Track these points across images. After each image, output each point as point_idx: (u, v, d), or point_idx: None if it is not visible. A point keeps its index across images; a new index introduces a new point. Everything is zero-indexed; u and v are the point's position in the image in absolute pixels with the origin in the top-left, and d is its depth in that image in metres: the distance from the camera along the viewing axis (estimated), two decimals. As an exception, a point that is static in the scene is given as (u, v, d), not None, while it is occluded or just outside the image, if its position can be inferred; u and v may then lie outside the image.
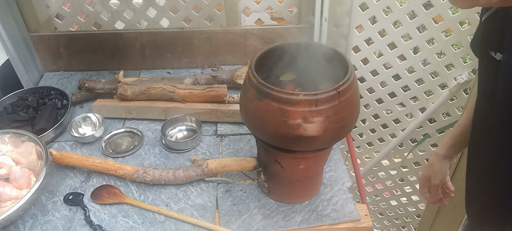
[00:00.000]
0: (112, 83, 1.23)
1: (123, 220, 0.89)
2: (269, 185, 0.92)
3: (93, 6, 1.40)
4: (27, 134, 1.00)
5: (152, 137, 1.13)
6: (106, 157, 1.06)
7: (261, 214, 0.90)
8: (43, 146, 0.96)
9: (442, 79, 1.41)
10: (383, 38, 1.39)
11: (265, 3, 1.41)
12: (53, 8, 1.41)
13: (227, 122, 1.16)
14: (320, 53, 0.80)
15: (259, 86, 0.72)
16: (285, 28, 1.36)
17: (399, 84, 1.48)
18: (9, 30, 1.26)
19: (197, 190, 0.97)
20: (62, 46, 1.39)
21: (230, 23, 1.43)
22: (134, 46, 1.38)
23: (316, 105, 0.69)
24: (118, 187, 0.97)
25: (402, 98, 1.52)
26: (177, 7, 1.40)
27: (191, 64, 1.42)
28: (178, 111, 1.15)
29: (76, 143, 1.12)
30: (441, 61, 1.37)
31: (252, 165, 0.92)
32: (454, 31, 1.30)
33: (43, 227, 0.89)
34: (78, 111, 1.24)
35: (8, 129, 1.03)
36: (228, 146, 1.10)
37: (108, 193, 0.95)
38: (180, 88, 1.15)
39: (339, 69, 0.77)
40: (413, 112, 1.55)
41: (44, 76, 1.43)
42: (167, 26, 1.45)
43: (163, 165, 1.04)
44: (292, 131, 0.70)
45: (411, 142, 1.67)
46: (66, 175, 1.02)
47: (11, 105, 1.19)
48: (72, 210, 0.93)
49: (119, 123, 1.19)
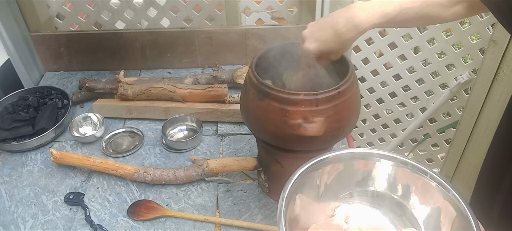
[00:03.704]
0: (112, 83, 1.23)
1: (123, 220, 0.90)
2: (269, 185, 0.92)
3: (93, 6, 1.40)
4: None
5: (153, 137, 1.13)
6: (106, 157, 1.07)
7: (262, 214, 0.90)
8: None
9: (443, 79, 1.42)
10: (383, 38, 1.39)
11: (265, 3, 1.42)
12: (54, 8, 1.41)
13: (227, 121, 1.16)
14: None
15: (260, 86, 0.72)
16: (286, 28, 1.36)
17: (399, 84, 1.48)
18: (9, 30, 1.26)
19: (198, 189, 0.97)
20: (63, 46, 1.39)
21: (230, 23, 1.43)
22: (134, 46, 1.38)
23: (317, 105, 0.69)
24: (154, 200, 0.94)
25: (403, 98, 1.52)
26: (177, 7, 1.41)
27: (191, 64, 1.43)
28: (179, 111, 1.15)
29: (77, 142, 1.12)
30: (441, 61, 1.37)
31: (253, 164, 0.92)
32: (455, 31, 1.30)
33: (43, 227, 0.89)
34: (78, 111, 1.24)
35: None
36: (229, 146, 1.10)
37: (146, 208, 0.91)
38: (181, 88, 1.15)
39: (340, 69, 0.77)
40: (414, 112, 1.55)
41: (44, 76, 1.43)
42: (168, 26, 1.45)
43: (163, 164, 1.04)
44: (293, 130, 0.70)
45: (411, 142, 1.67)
46: (67, 175, 1.02)
47: (12, 105, 1.19)
48: (72, 210, 0.93)
49: (119, 122, 1.19)
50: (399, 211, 0.65)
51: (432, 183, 0.60)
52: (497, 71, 1.22)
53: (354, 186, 0.67)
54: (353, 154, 0.65)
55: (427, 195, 0.61)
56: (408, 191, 0.64)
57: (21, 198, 0.96)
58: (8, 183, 1.00)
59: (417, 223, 0.62)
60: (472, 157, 1.41)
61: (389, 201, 0.66)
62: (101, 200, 0.95)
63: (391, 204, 0.66)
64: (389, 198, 0.66)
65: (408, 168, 0.63)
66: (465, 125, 1.40)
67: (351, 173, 0.66)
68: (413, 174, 0.62)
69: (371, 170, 0.66)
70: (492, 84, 1.25)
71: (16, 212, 0.93)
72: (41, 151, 1.10)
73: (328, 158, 0.63)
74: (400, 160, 0.64)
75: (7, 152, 1.09)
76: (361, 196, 0.68)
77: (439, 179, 0.59)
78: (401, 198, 0.64)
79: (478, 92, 1.30)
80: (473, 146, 1.40)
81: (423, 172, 0.61)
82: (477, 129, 1.36)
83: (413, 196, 0.63)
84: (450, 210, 0.57)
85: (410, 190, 0.63)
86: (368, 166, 0.66)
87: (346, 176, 0.66)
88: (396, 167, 0.64)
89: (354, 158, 0.65)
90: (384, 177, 0.66)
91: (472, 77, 1.33)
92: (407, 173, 0.63)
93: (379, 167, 0.65)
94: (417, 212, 0.63)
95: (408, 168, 0.63)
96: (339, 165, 0.65)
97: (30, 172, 1.03)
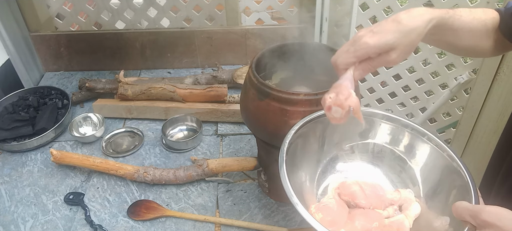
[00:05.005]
0: (112, 83, 1.23)
1: (123, 220, 0.90)
2: (269, 185, 0.92)
3: (93, 6, 1.40)
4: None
5: (153, 137, 1.13)
6: (106, 157, 1.07)
7: (262, 214, 0.90)
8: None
9: (443, 79, 1.42)
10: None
11: (265, 3, 1.41)
12: (54, 8, 1.41)
13: (227, 121, 1.16)
14: (320, 53, 0.80)
15: (260, 86, 0.72)
16: (286, 28, 1.36)
17: (399, 84, 1.48)
18: (9, 30, 1.26)
19: (198, 189, 0.97)
20: (63, 46, 1.39)
21: (230, 23, 1.43)
22: (134, 46, 1.38)
23: (317, 105, 0.69)
24: (154, 200, 0.94)
25: (403, 98, 1.52)
26: (177, 7, 1.41)
27: (191, 64, 1.43)
28: (179, 111, 1.15)
29: (77, 142, 1.12)
30: (441, 61, 1.37)
31: (253, 164, 0.92)
32: (455, 31, 1.30)
33: (43, 227, 0.89)
34: (78, 111, 1.24)
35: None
36: (229, 146, 1.10)
37: (146, 208, 0.91)
38: (181, 88, 1.15)
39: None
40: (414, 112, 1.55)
41: (44, 76, 1.43)
42: (168, 26, 1.45)
43: (163, 164, 1.04)
44: (293, 130, 0.70)
45: (411, 142, 1.66)
46: (67, 175, 1.02)
47: (12, 105, 1.19)
48: (72, 210, 0.93)
49: (119, 122, 1.19)
50: (398, 168, 0.68)
51: (432, 144, 0.64)
52: (497, 71, 1.22)
53: (357, 138, 0.70)
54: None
55: (426, 155, 0.65)
56: (409, 148, 0.67)
57: (21, 198, 0.96)
58: (8, 183, 1.00)
59: (416, 180, 0.65)
60: (472, 157, 1.41)
61: (390, 157, 0.69)
62: (101, 200, 0.95)
63: (391, 161, 0.69)
64: (390, 152, 0.69)
65: (408, 130, 0.67)
66: (465, 125, 1.40)
67: (354, 126, 0.68)
68: (413, 136, 0.66)
69: (374, 125, 0.69)
70: (492, 84, 1.25)
71: (16, 212, 0.93)
72: (41, 151, 1.10)
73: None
74: (402, 122, 0.67)
75: (7, 152, 1.09)
76: (362, 153, 0.70)
77: (437, 140, 0.63)
78: (402, 153, 0.68)
79: (478, 92, 1.30)
80: (473, 146, 1.40)
81: (422, 134, 0.65)
82: (477, 129, 1.36)
83: (413, 154, 0.67)
84: (448, 173, 0.60)
85: (411, 148, 0.67)
86: (371, 122, 0.69)
87: (349, 127, 0.68)
88: (398, 128, 0.68)
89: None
90: (386, 133, 0.69)
91: (472, 77, 1.33)
92: (407, 134, 0.67)
93: (382, 125, 0.69)
94: (416, 169, 0.66)
95: (408, 130, 0.67)
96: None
97: (30, 172, 1.03)
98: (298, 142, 0.63)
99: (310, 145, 0.67)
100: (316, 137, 0.68)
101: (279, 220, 0.89)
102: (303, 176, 0.65)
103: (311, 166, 0.68)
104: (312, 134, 0.66)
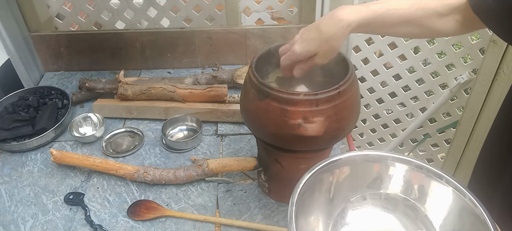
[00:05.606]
0: (112, 83, 1.23)
1: (123, 220, 0.90)
2: (269, 185, 0.92)
3: (93, 6, 1.40)
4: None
5: (153, 137, 1.13)
6: (106, 157, 1.07)
7: (262, 214, 0.90)
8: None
9: (443, 79, 1.42)
10: (383, 38, 1.39)
11: (265, 3, 1.41)
12: (54, 8, 1.41)
13: (227, 121, 1.16)
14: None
15: (260, 86, 0.72)
16: (286, 28, 1.36)
17: (399, 84, 1.48)
18: (9, 30, 1.26)
19: (198, 189, 0.97)
20: (63, 46, 1.39)
21: (230, 23, 1.43)
22: (134, 46, 1.38)
23: (317, 105, 0.69)
24: (154, 200, 0.94)
25: (403, 98, 1.52)
26: (177, 7, 1.41)
27: (191, 64, 1.43)
28: (179, 111, 1.15)
29: (77, 142, 1.12)
30: (441, 61, 1.37)
31: (253, 164, 0.93)
32: (455, 31, 1.29)
33: (43, 227, 0.89)
34: (78, 111, 1.24)
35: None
36: (229, 146, 1.10)
37: (146, 208, 0.91)
38: (181, 88, 1.15)
39: (340, 69, 0.77)
40: (414, 112, 1.55)
41: (44, 76, 1.43)
42: (168, 26, 1.45)
43: (163, 164, 1.04)
44: (293, 130, 0.70)
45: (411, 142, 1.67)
46: (67, 175, 1.02)
47: (12, 105, 1.19)
48: (72, 210, 0.93)
49: (119, 122, 1.19)
50: (413, 215, 0.63)
51: (448, 187, 0.59)
52: (497, 71, 1.22)
53: (366, 189, 0.66)
54: (366, 156, 0.64)
55: (442, 199, 0.60)
56: (423, 194, 0.62)
57: (21, 198, 0.96)
58: (8, 183, 1.00)
59: (433, 226, 0.61)
60: (472, 157, 1.41)
61: (403, 205, 0.64)
62: (101, 200, 0.95)
63: (405, 208, 0.64)
64: (403, 201, 0.64)
65: (423, 172, 0.62)
66: (465, 125, 1.40)
67: (363, 175, 0.65)
68: (428, 178, 0.61)
69: (384, 172, 0.65)
70: (492, 84, 1.25)
71: (16, 212, 0.93)
72: (41, 151, 1.10)
73: (340, 160, 0.62)
74: (415, 163, 0.62)
75: (7, 152, 1.09)
76: (374, 199, 0.66)
77: (455, 183, 0.58)
78: (416, 201, 0.63)
79: (478, 92, 1.30)
80: (473, 146, 1.40)
81: (439, 176, 0.60)
82: (477, 129, 1.36)
83: (428, 199, 0.62)
84: (466, 215, 0.56)
85: (426, 194, 0.62)
86: (381, 169, 0.65)
87: (358, 178, 0.65)
88: (411, 171, 0.63)
89: (367, 160, 0.64)
90: (398, 180, 0.64)
91: (472, 77, 1.33)
92: (421, 177, 0.62)
93: (393, 170, 0.64)
94: (432, 215, 0.61)
95: (423, 172, 0.62)
96: (351, 167, 0.64)
97: (30, 172, 1.03)
98: (305, 197, 0.59)
99: (319, 198, 0.64)
100: (322, 191, 0.64)
101: (279, 220, 0.89)
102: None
103: (322, 219, 0.64)
104: (318, 188, 0.63)
